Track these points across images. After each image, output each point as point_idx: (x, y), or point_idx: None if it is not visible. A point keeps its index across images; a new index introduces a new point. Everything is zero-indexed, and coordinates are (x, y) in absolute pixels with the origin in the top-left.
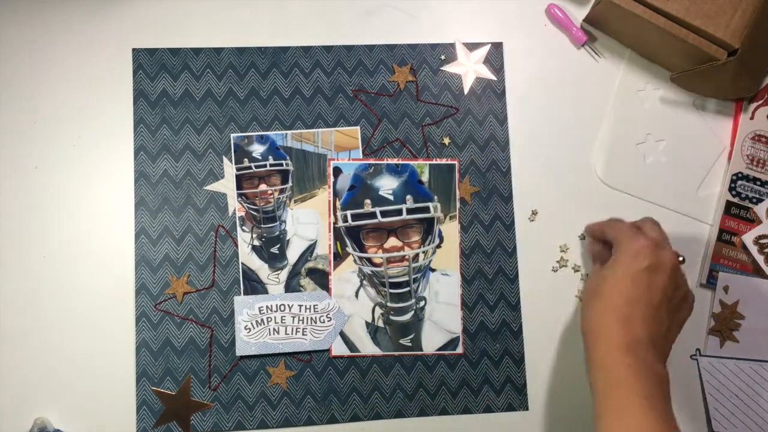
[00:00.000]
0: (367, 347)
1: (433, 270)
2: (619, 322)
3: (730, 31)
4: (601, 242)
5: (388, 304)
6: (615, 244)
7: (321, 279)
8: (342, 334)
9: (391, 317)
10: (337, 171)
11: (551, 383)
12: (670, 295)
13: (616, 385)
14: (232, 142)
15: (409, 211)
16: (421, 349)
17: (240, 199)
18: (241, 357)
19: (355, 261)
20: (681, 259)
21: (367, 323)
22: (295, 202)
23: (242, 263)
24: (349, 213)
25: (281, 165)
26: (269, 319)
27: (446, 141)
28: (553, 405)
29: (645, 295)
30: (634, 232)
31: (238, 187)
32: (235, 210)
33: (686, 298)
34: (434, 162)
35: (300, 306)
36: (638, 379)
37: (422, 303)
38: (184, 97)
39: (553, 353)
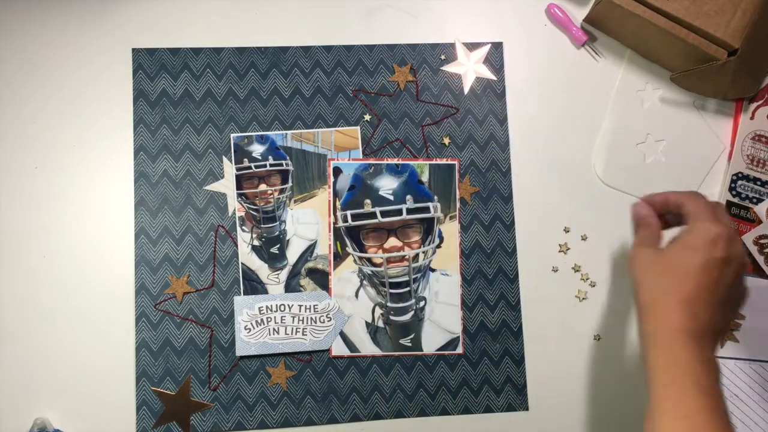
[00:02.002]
0: (367, 347)
1: (433, 270)
2: (686, 305)
3: (730, 31)
4: (667, 214)
5: (388, 304)
6: (692, 221)
7: (321, 279)
8: (342, 334)
9: (391, 317)
10: (337, 171)
11: (551, 383)
12: (735, 291)
13: (683, 374)
14: (232, 142)
15: (409, 211)
16: (421, 350)
17: (240, 199)
18: (241, 357)
19: (355, 261)
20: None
21: (367, 323)
22: (295, 202)
23: (242, 263)
24: (349, 213)
25: (281, 165)
26: (269, 319)
27: (446, 141)
28: (553, 405)
29: (714, 286)
30: (715, 216)
31: (238, 187)
32: (235, 210)
33: (744, 298)
34: (434, 162)
35: (300, 306)
36: (706, 375)
37: (422, 303)
38: (184, 97)
39: (553, 353)
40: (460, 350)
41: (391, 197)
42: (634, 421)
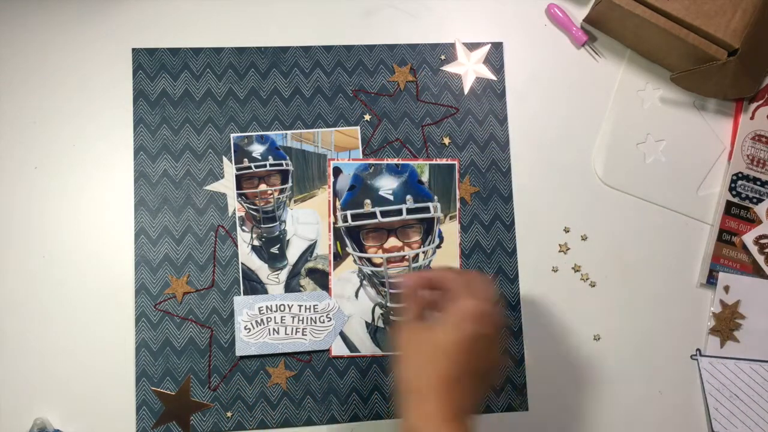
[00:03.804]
0: (367, 347)
1: None
2: (443, 390)
3: (730, 31)
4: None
5: (388, 304)
6: (449, 299)
7: (321, 279)
8: (342, 334)
9: (391, 317)
10: (337, 171)
11: (551, 383)
12: (490, 361)
13: None
14: (232, 142)
15: (409, 211)
16: None
17: (240, 199)
18: (241, 357)
19: (355, 261)
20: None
21: (367, 323)
22: (295, 202)
23: (242, 263)
24: (349, 213)
25: (281, 165)
26: (269, 320)
27: (446, 141)
28: (552, 405)
29: (468, 362)
30: (470, 292)
31: (238, 187)
32: (234, 210)
33: (497, 362)
34: (434, 162)
35: (300, 306)
36: None
37: None
38: (184, 97)
39: (553, 353)
40: None
41: (391, 197)
42: (634, 421)
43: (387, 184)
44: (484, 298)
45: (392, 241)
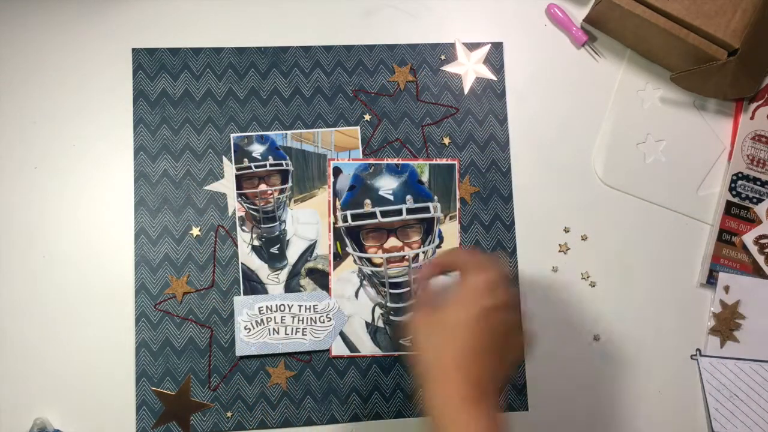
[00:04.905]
0: (367, 347)
1: None
2: (462, 367)
3: (730, 31)
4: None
5: (388, 304)
6: (462, 276)
7: (321, 279)
8: (342, 334)
9: (391, 317)
10: (337, 171)
11: (551, 383)
12: (510, 338)
13: None
14: (231, 142)
15: (409, 211)
16: None
17: (240, 199)
18: (241, 357)
19: (355, 261)
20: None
21: (367, 323)
22: (295, 202)
23: (242, 263)
24: (349, 213)
25: (281, 165)
26: (269, 320)
27: (446, 141)
28: (552, 405)
29: (491, 335)
30: (482, 266)
31: (238, 187)
32: (234, 210)
33: (518, 339)
34: (434, 162)
35: (300, 306)
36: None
37: None
38: (184, 97)
39: (553, 353)
40: None
41: (391, 197)
42: (634, 421)
43: (387, 184)
44: (493, 270)
45: (392, 241)
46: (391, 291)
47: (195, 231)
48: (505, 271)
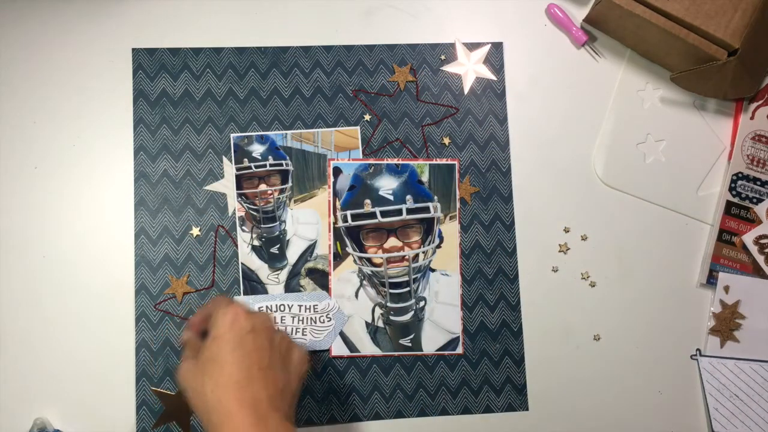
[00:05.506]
0: (367, 347)
1: (433, 270)
2: (238, 389)
3: (730, 31)
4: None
5: (388, 304)
6: (212, 318)
7: (321, 279)
8: (342, 334)
9: (391, 317)
10: (337, 171)
11: (551, 383)
12: (275, 352)
13: None
14: (231, 142)
15: (409, 211)
16: (421, 350)
17: (240, 199)
18: None
19: (355, 261)
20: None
21: (367, 323)
22: (295, 202)
23: (242, 263)
24: (349, 213)
25: (281, 165)
26: None
27: (446, 141)
28: (553, 405)
29: (253, 356)
30: (227, 303)
31: (238, 187)
32: (234, 210)
33: (292, 351)
34: (434, 162)
35: (300, 306)
36: None
37: (422, 303)
38: (184, 97)
39: (553, 353)
40: (460, 350)
41: (391, 197)
42: (634, 421)
43: (387, 184)
44: (237, 303)
45: (392, 241)
46: (391, 291)
47: (195, 231)
48: (243, 305)
